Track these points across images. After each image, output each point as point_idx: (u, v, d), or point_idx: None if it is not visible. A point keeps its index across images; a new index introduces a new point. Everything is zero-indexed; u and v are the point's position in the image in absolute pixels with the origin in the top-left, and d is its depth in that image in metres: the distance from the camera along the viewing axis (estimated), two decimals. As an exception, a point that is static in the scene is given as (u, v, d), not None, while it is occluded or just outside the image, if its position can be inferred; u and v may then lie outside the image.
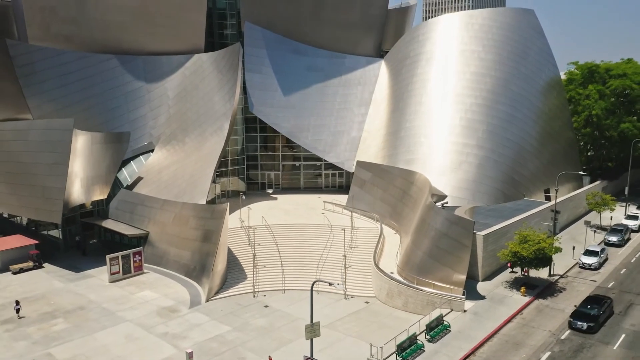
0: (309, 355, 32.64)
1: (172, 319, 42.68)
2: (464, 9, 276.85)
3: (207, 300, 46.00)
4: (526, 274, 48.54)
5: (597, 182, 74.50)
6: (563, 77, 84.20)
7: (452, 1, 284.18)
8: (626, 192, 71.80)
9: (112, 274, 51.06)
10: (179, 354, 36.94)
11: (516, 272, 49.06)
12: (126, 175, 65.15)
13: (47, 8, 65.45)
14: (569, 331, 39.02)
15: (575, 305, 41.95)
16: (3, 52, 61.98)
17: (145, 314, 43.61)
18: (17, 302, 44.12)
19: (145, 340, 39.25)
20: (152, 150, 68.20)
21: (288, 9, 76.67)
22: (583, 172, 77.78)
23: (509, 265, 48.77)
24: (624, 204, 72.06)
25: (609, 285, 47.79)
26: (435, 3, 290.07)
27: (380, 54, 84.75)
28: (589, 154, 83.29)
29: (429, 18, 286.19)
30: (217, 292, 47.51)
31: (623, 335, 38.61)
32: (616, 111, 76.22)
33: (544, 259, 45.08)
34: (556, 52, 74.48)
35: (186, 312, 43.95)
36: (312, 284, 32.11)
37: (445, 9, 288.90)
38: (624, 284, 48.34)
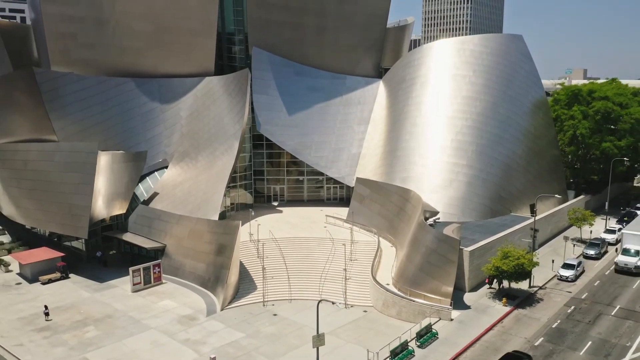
0: (314, 360, 37.94)
1: (191, 327, 47.84)
2: (463, 19, 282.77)
3: (222, 309, 51.11)
4: (503, 287, 53.40)
5: (581, 197, 79.67)
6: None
7: (451, 9, 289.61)
8: (606, 207, 77.07)
9: (134, 284, 56.14)
10: (201, 358, 42.14)
11: (495, 288, 53.83)
12: (142, 190, 70.21)
13: (68, 34, 70.74)
14: None
15: None
16: (30, 78, 67.09)
17: (167, 322, 48.72)
18: (46, 307, 49.72)
19: (169, 346, 44.42)
20: (166, 167, 73.44)
21: (292, 33, 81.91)
22: (568, 185, 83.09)
23: (486, 280, 53.80)
24: (605, 217, 77.16)
25: (583, 297, 53.04)
26: (435, 10, 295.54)
27: (379, 70, 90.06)
28: (575, 166, 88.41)
29: (427, 31, 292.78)
30: (230, 302, 52.63)
31: (589, 342, 43.81)
32: (601, 129, 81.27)
33: (523, 273, 50.39)
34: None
35: (204, 320, 49.09)
36: (318, 303, 37.32)
37: (444, 15, 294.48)
38: (597, 295, 53.57)
